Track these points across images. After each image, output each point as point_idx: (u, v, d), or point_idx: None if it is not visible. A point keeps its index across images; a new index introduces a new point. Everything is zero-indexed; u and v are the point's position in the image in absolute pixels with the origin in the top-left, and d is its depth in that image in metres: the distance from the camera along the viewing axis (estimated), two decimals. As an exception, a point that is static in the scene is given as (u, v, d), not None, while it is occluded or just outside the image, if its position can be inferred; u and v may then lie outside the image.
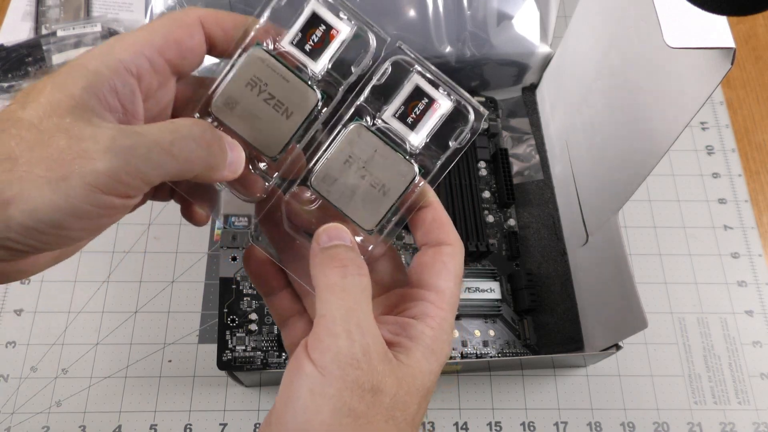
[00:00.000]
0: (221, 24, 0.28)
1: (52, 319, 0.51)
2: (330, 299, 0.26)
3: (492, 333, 0.50)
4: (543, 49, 0.56)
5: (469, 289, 0.50)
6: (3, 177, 0.22)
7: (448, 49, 0.55)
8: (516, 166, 0.56)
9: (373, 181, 0.28)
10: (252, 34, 0.28)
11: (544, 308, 0.51)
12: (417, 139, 0.28)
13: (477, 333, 0.49)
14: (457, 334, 0.49)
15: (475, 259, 0.52)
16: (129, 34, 0.26)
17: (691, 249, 0.57)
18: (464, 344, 0.49)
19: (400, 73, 0.28)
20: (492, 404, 0.50)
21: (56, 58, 0.59)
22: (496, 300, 0.50)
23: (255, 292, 0.48)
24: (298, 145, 0.29)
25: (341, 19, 0.28)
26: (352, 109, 0.28)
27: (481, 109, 0.28)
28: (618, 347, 0.45)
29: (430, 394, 0.27)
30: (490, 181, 0.56)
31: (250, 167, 0.29)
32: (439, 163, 0.29)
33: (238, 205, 0.47)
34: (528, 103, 0.59)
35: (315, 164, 0.29)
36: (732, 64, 0.31)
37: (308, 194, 0.29)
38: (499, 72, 0.58)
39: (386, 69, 0.28)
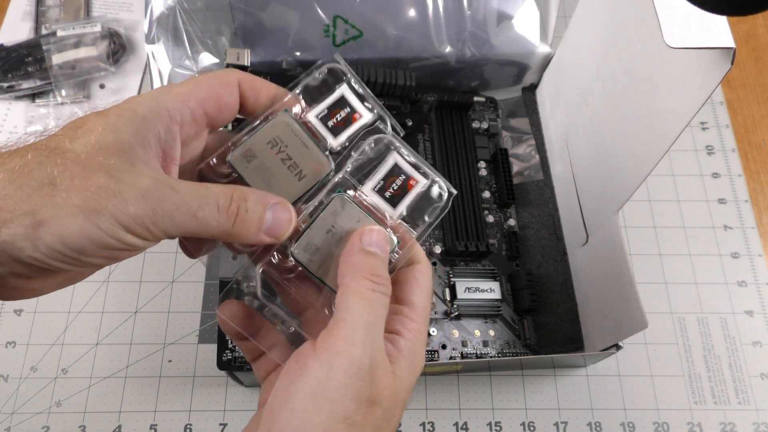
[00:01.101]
0: (255, 88, 0.31)
1: (52, 319, 0.51)
2: (355, 307, 0.27)
3: (492, 333, 0.50)
4: (543, 49, 0.56)
5: (469, 289, 0.50)
6: (41, 200, 0.23)
7: (448, 49, 0.55)
8: (516, 166, 0.56)
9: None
10: (285, 100, 0.31)
11: (544, 308, 0.51)
12: (395, 212, 0.30)
13: (477, 333, 0.49)
14: (457, 334, 0.49)
15: (475, 259, 0.52)
16: (177, 85, 0.29)
17: (691, 249, 0.57)
18: (464, 344, 0.49)
19: (383, 149, 0.31)
20: (492, 404, 0.50)
21: (56, 58, 0.59)
22: (496, 300, 0.50)
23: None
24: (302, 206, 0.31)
25: (365, 107, 0.31)
26: (336, 180, 0.30)
27: (452, 188, 0.31)
28: (618, 347, 0.45)
29: (405, 405, 0.29)
30: (490, 181, 0.56)
31: None
32: (414, 234, 0.31)
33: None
34: (528, 103, 0.59)
35: (295, 236, 0.30)
36: (732, 64, 0.31)
37: (288, 263, 0.30)
38: (499, 72, 0.58)
39: (369, 146, 0.31)
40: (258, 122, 0.31)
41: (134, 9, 0.66)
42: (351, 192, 0.30)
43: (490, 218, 0.54)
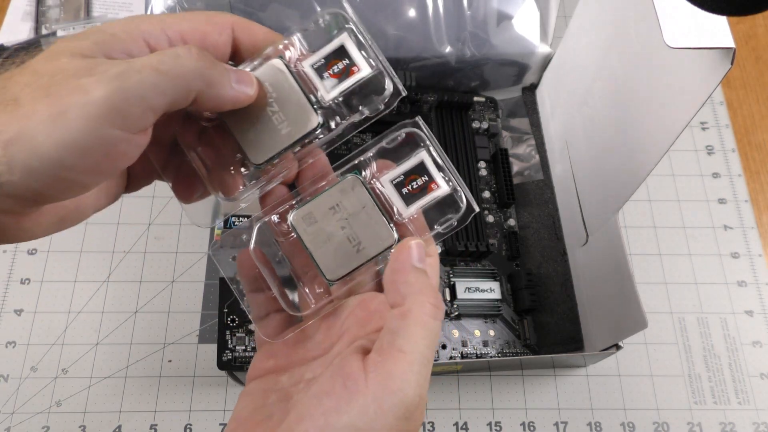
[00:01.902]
0: (251, 33, 0.28)
1: (52, 319, 0.51)
2: (417, 339, 0.25)
3: (492, 333, 0.50)
4: (543, 49, 0.56)
5: (469, 289, 0.50)
6: (6, 118, 0.22)
7: (448, 49, 0.55)
8: (516, 166, 0.56)
9: (351, 235, 0.29)
10: (279, 47, 0.29)
11: (544, 308, 0.51)
12: (406, 211, 0.29)
13: (477, 333, 0.49)
14: (457, 334, 0.49)
15: (475, 259, 0.52)
16: (159, 14, 0.27)
17: (691, 249, 0.57)
18: (464, 344, 0.49)
19: (410, 144, 0.29)
20: (492, 404, 0.50)
21: (56, 58, 0.59)
22: (496, 300, 0.50)
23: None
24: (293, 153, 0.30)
25: (365, 59, 0.29)
26: (356, 161, 0.29)
27: (474, 204, 0.29)
28: (618, 347, 0.45)
29: None
30: (490, 181, 0.56)
31: (231, 169, 0.30)
32: (429, 234, 0.29)
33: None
34: (528, 103, 0.59)
35: (301, 202, 0.29)
36: (732, 64, 0.31)
37: (285, 226, 0.29)
38: (499, 72, 0.58)
39: (399, 136, 0.29)
40: (251, 66, 0.29)
41: (134, 9, 0.65)
42: (367, 175, 0.29)
43: (490, 218, 0.54)
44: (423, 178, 0.29)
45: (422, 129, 0.29)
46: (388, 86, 0.29)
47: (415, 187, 0.29)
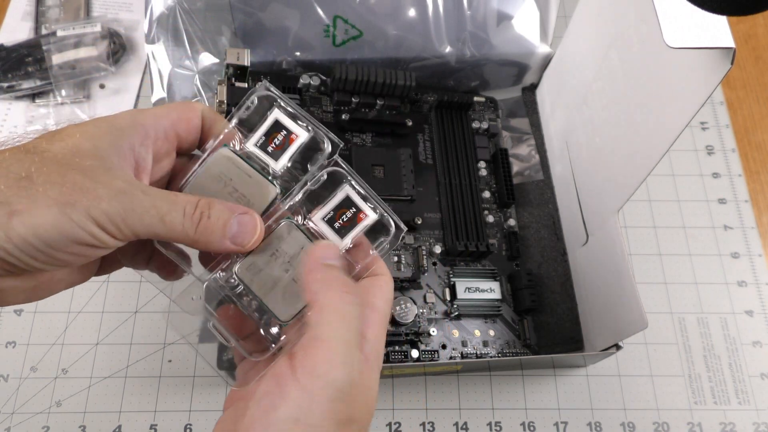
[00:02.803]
0: (212, 119, 0.32)
1: (52, 319, 0.51)
2: (332, 323, 0.27)
3: (492, 333, 0.50)
4: (543, 49, 0.56)
5: (469, 289, 0.50)
6: (17, 192, 0.24)
7: (448, 49, 0.55)
8: (516, 166, 0.56)
9: (296, 276, 0.30)
10: (221, 136, 0.32)
11: (544, 308, 0.51)
12: (341, 243, 0.31)
13: (477, 333, 0.49)
14: (457, 334, 0.49)
15: (475, 259, 0.52)
16: (151, 108, 0.31)
17: (691, 249, 0.57)
18: (464, 344, 0.49)
19: (334, 182, 0.32)
20: (492, 404, 0.50)
21: (56, 58, 0.59)
22: (496, 300, 0.50)
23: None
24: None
25: (300, 125, 0.32)
26: (285, 208, 0.31)
27: (401, 225, 0.31)
28: (618, 347, 0.45)
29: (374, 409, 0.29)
30: (490, 181, 0.56)
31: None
32: (375, 252, 0.32)
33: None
34: (528, 103, 0.59)
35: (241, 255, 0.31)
36: (732, 64, 0.31)
37: (231, 280, 0.31)
38: (499, 72, 0.58)
39: (322, 176, 0.32)
40: (205, 156, 0.32)
41: (134, 9, 0.66)
42: (299, 219, 0.31)
43: (490, 218, 0.54)
44: (351, 210, 0.31)
45: (341, 166, 0.32)
46: (327, 145, 0.32)
47: (345, 220, 0.31)
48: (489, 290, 0.50)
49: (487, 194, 0.55)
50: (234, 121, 0.32)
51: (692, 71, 0.34)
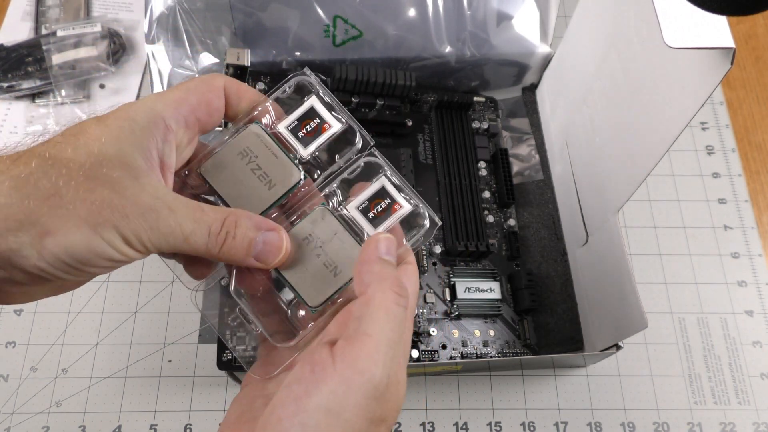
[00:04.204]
0: (239, 93, 0.31)
1: (52, 319, 0.51)
2: (381, 322, 0.26)
3: (492, 333, 0.50)
4: (543, 49, 0.56)
5: (469, 289, 0.50)
6: (48, 211, 0.24)
7: (448, 49, 0.55)
8: (516, 166, 0.56)
9: (327, 261, 0.30)
10: (257, 111, 0.32)
11: (544, 308, 0.51)
12: (374, 233, 0.31)
13: (477, 333, 0.49)
14: (457, 334, 0.49)
15: (475, 259, 0.52)
16: (170, 91, 0.29)
17: (691, 249, 0.57)
18: (464, 344, 0.49)
19: (370, 172, 0.32)
20: (492, 404, 0.50)
21: (56, 58, 0.59)
22: (496, 300, 0.50)
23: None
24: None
25: (334, 116, 0.32)
26: (321, 195, 0.32)
27: (437, 218, 0.31)
28: (618, 347, 0.45)
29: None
30: (490, 181, 0.56)
31: None
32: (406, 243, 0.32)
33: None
34: (528, 103, 0.59)
35: None
36: (732, 64, 0.31)
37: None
38: (499, 72, 0.58)
39: (359, 166, 0.32)
40: (231, 133, 0.31)
41: (134, 9, 0.66)
42: (333, 205, 0.31)
43: (490, 218, 0.54)
44: (386, 200, 0.31)
45: (378, 157, 0.32)
46: (358, 141, 0.32)
47: (379, 210, 0.31)
48: (489, 290, 0.50)
49: (487, 194, 0.55)
50: (271, 98, 0.32)
51: (692, 71, 0.34)
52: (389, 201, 0.31)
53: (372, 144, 0.32)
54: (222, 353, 0.45)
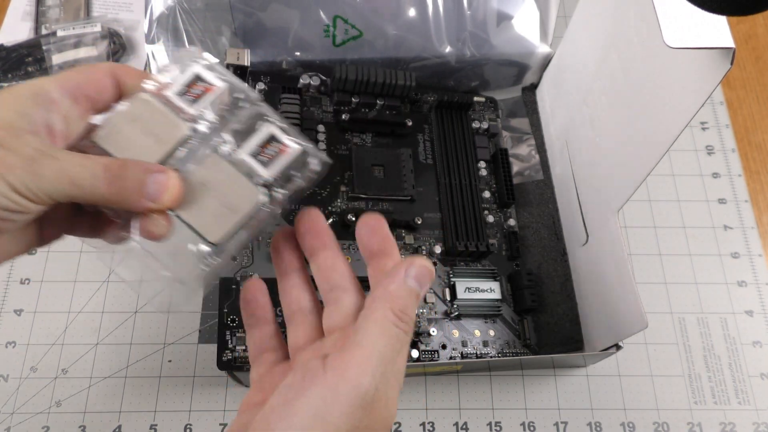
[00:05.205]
0: (130, 74, 0.32)
1: (52, 319, 0.51)
2: (376, 335, 0.27)
3: (492, 333, 0.50)
4: (543, 49, 0.56)
5: (469, 289, 0.49)
6: None
7: (448, 49, 0.55)
8: (516, 166, 0.56)
9: (224, 202, 0.31)
10: (148, 84, 0.33)
11: (544, 308, 0.51)
12: (266, 173, 0.32)
13: (477, 333, 0.49)
14: (457, 334, 0.49)
15: (475, 259, 0.52)
16: (55, 74, 0.31)
17: (691, 249, 0.57)
18: (464, 344, 0.49)
19: (257, 121, 0.33)
20: (492, 404, 0.50)
21: (56, 58, 0.59)
22: (496, 300, 0.50)
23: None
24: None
25: (220, 78, 0.33)
26: (212, 142, 0.32)
27: (326, 158, 0.32)
28: (618, 347, 0.45)
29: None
30: (490, 181, 0.56)
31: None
32: (284, 194, 0.33)
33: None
34: (528, 103, 0.59)
35: None
36: (732, 64, 0.31)
37: None
38: (499, 72, 0.58)
39: (243, 115, 0.33)
40: (122, 103, 0.33)
41: (134, 9, 0.66)
42: (225, 152, 0.32)
43: (490, 218, 0.54)
44: (275, 144, 0.32)
45: (263, 105, 0.33)
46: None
47: (270, 154, 0.32)
48: (489, 290, 0.50)
49: (487, 194, 0.55)
50: (158, 72, 0.33)
51: (692, 71, 0.34)
52: (278, 144, 0.32)
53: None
54: (222, 353, 0.45)
